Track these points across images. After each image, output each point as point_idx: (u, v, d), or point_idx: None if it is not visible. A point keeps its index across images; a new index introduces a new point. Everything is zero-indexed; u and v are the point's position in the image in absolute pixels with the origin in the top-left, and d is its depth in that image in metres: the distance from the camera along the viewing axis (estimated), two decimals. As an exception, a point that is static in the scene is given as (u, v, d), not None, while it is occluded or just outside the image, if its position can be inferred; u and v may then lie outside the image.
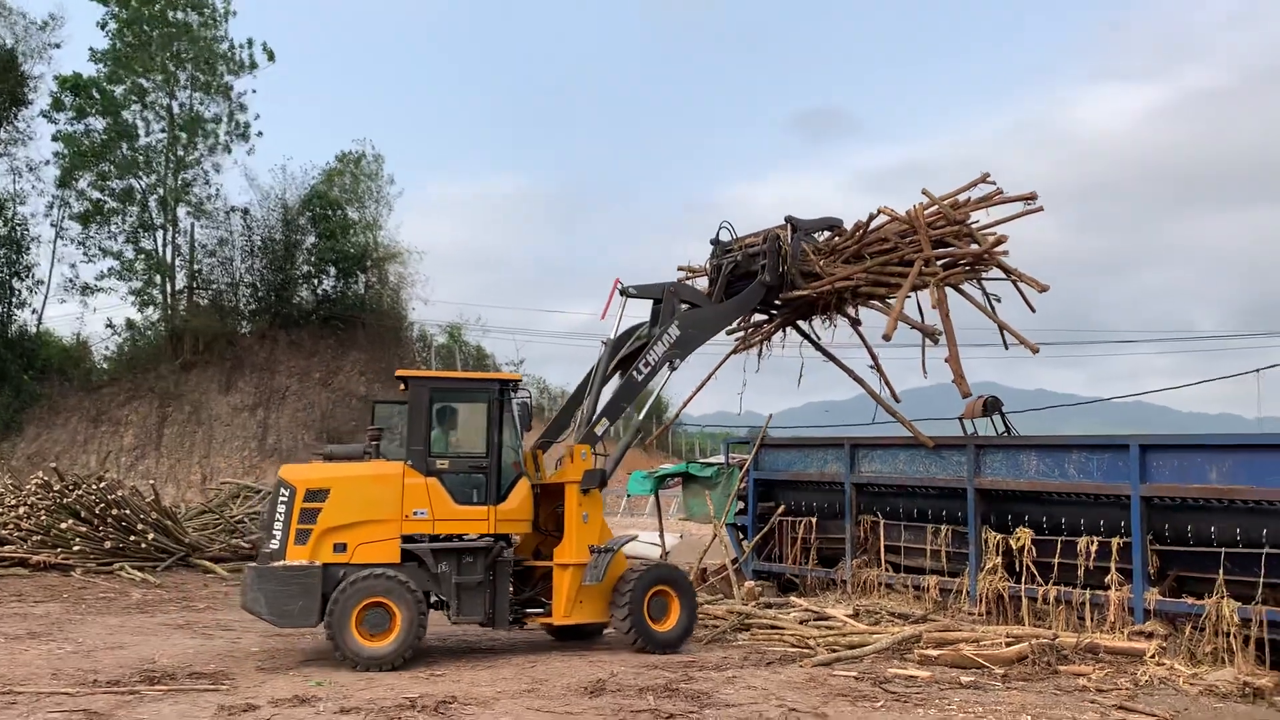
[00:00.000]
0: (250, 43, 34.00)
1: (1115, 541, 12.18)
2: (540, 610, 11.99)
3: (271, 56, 34.14)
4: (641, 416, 13.50)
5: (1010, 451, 13.65)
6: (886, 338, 13.44)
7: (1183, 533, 11.94)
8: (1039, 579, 12.91)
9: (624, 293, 13.00)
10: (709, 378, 16.46)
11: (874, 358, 15.36)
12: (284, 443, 30.85)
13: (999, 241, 13.64)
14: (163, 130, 32.89)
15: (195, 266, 33.46)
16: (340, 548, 10.89)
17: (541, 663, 11.05)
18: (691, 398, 16.95)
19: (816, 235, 14.86)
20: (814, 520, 16.16)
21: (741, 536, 17.34)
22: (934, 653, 11.08)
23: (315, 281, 33.97)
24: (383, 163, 35.73)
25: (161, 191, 32.60)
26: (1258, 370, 23.01)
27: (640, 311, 13.56)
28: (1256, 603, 10.93)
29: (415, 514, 11.18)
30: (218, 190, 33.81)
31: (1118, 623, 11.83)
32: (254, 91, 36.17)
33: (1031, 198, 13.67)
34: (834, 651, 11.49)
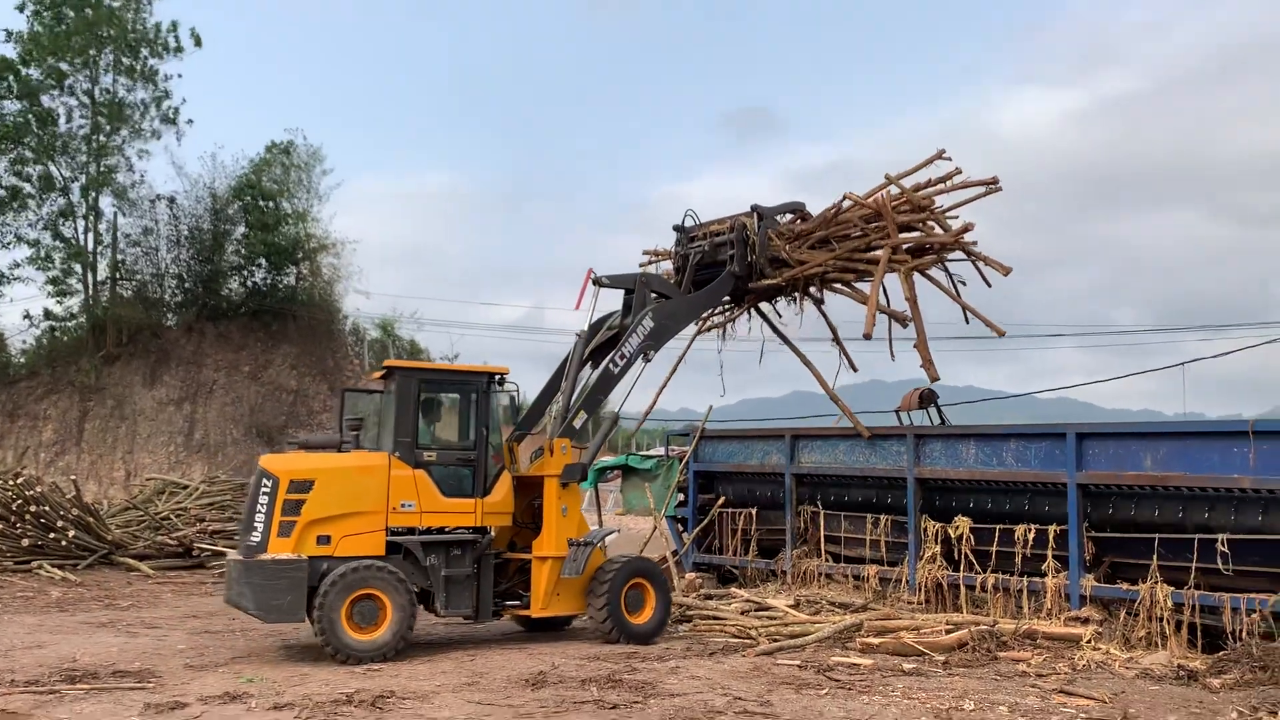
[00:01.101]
0: (175, 26, 33.03)
1: (1052, 529, 12.32)
2: (517, 602, 11.95)
3: (199, 41, 33.19)
4: (620, 410, 13.47)
5: (949, 441, 13.75)
6: (867, 336, 13.52)
7: (1118, 520, 12.12)
8: (977, 567, 13.03)
9: (597, 283, 12.98)
10: (672, 373, 16.50)
11: (835, 334, 15.48)
12: (212, 438, 30.03)
13: (966, 229, 13.74)
14: (84, 116, 31.83)
15: (119, 256, 32.43)
16: (324, 540, 10.63)
17: (481, 656, 10.84)
18: (659, 393, 17.05)
19: (780, 218, 14.88)
20: (754, 512, 16.15)
21: (681, 529, 17.27)
22: (875, 641, 11.10)
23: (245, 273, 33.15)
24: (317, 154, 34.99)
25: (83, 179, 31.54)
26: (1182, 364, 23.60)
27: (613, 302, 13.64)
28: (1189, 587, 11.13)
29: (403, 506, 11.04)
30: (142, 177, 32.77)
31: (1055, 609, 11.97)
32: (180, 77, 35.21)
33: (993, 182, 13.77)
34: (776, 641, 11.45)
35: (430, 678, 9.60)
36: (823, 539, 15.11)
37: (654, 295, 13.32)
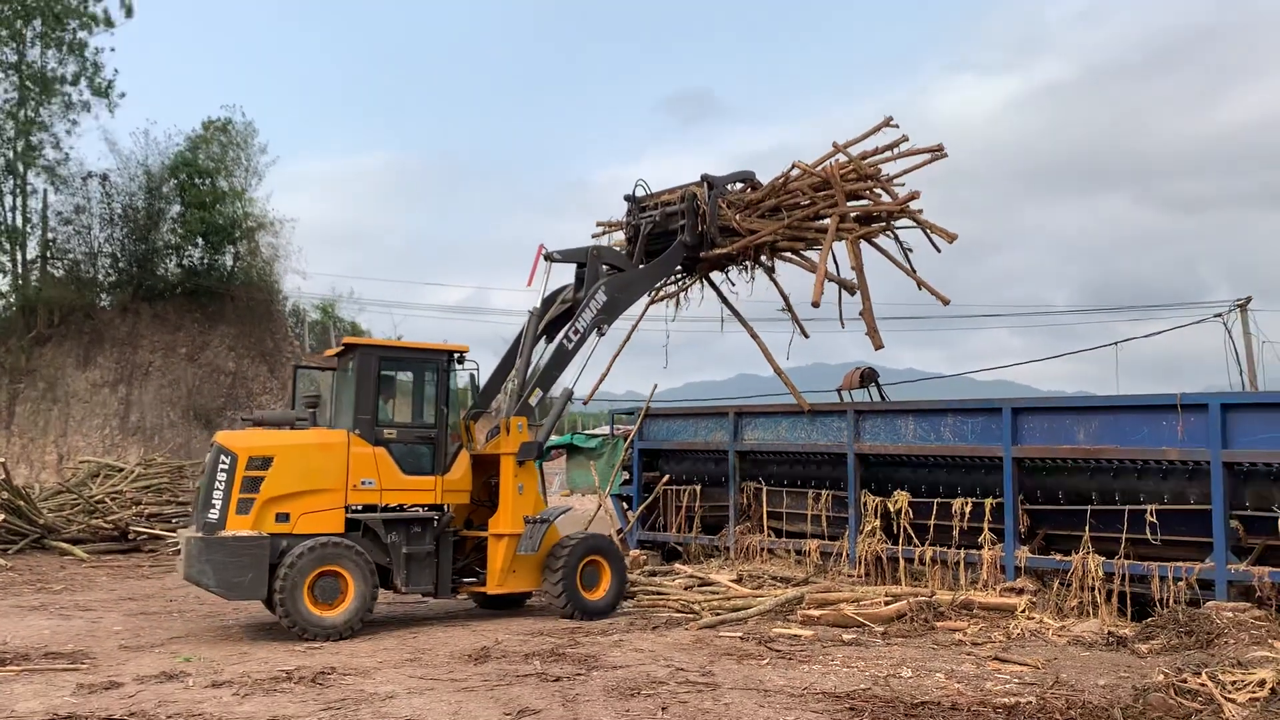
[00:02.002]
0: (102, -5, 32.10)
1: (988, 502, 12.57)
2: (473, 580, 12.00)
3: (129, 12, 32.39)
4: (573, 387, 13.48)
5: (888, 417, 13.94)
6: (815, 304, 13.62)
7: (1052, 492, 12.40)
8: (916, 540, 13.25)
9: (548, 258, 12.94)
10: (619, 350, 16.50)
11: (786, 301, 15.58)
12: (148, 420, 29.44)
13: (913, 196, 13.81)
14: (10, 89, 30.87)
15: (49, 235, 31.57)
16: (283, 517, 10.57)
17: (424, 633, 10.80)
18: (607, 371, 17.01)
19: (730, 187, 14.90)
20: (698, 489, 16.25)
21: (626, 507, 17.32)
22: (816, 613, 11.25)
23: (181, 253, 32.45)
24: (254, 130, 34.31)
25: (10, 154, 30.63)
26: (1115, 344, 24.13)
27: (565, 276, 13.58)
28: (1119, 557, 11.44)
29: (363, 483, 11.01)
30: (69, 154, 31.88)
31: (990, 580, 12.23)
32: (112, 50, 34.32)
33: (938, 149, 13.88)
34: (719, 615, 11.55)
35: (372, 654, 9.54)
36: (765, 515, 15.27)
37: (606, 268, 13.29)
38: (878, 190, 14.09)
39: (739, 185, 15.03)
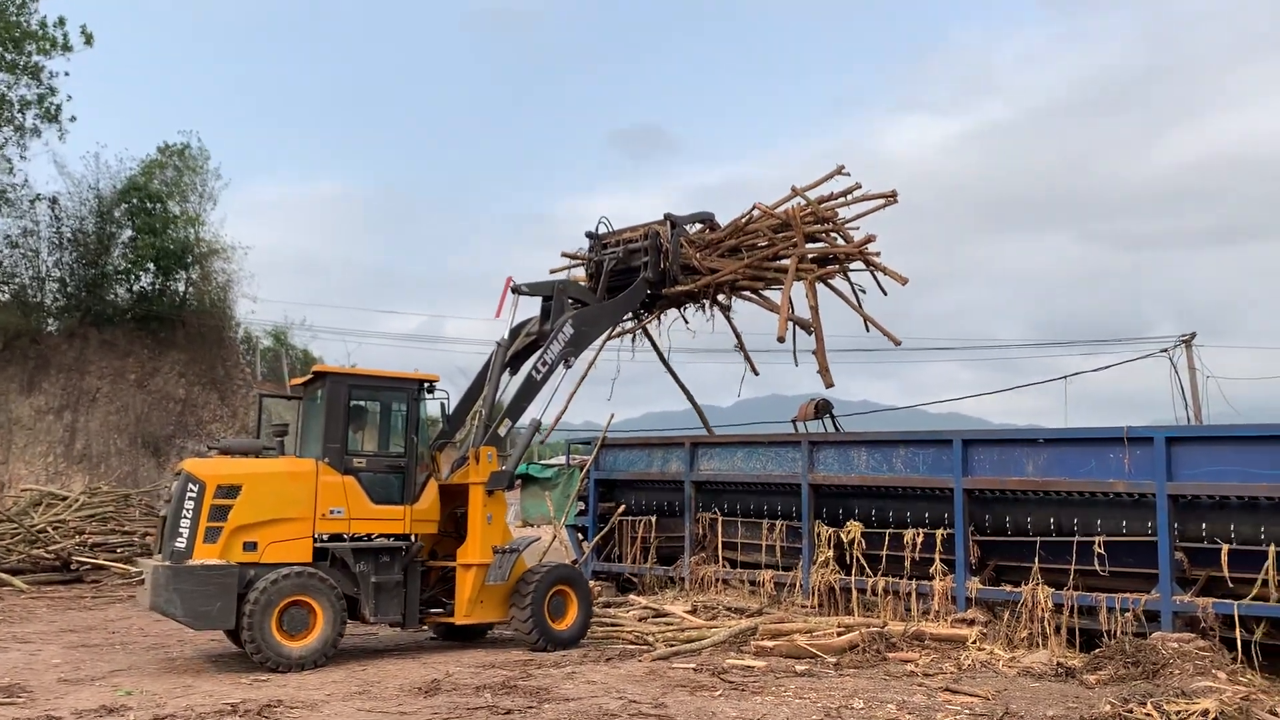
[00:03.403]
0: (63, 21, 31.76)
1: (939, 533, 12.67)
2: (439, 610, 11.93)
3: (89, 40, 32.02)
4: (540, 418, 13.63)
5: (842, 448, 14.03)
6: (780, 339, 14.06)
7: (1001, 524, 12.53)
8: (868, 571, 13.32)
9: (516, 291, 13.10)
10: (580, 381, 16.73)
11: (739, 340, 15.97)
12: (94, 448, 28.85)
13: (869, 240, 14.34)
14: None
15: (-5, 259, 30.98)
16: (250, 546, 10.44)
17: (374, 665, 10.65)
18: (568, 403, 17.24)
19: (690, 227, 15.22)
20: (654, 519, 16.22)
21: (581, 537, 17.24)
22: (769, 644, 11.25)
23: (132, 278, 31.97)
24: (208, 156, 34.00)
25: (-42, 177, 30.11)
26: (1065, 378, 24.53)
27: (531, 308, 13.80)
28: (1068, 588, 11.57)
29: (332, 513, 10.92)
30: (23, 178, 31.39)
31: (942, 611, 12.30)
32: (67, 74, 33.87)
33: (891, 195, 14.36)
34: (672, 646, 11.52)
35: (320, 687, 9.38)
36: (720, 545, 15.27)
37: (571, 302, 13.47)
38: (834, 234, 14.54)
39: (698, 226, 15.38)
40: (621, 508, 16.71)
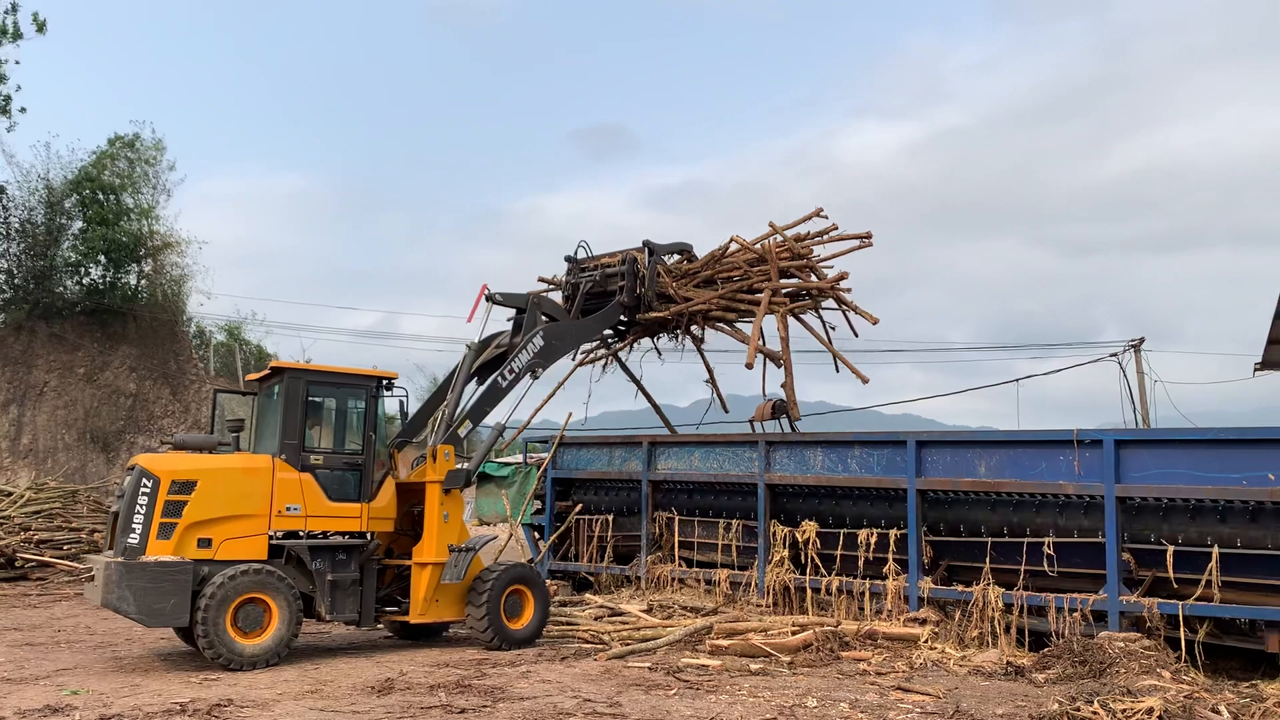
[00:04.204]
0: (15, 8, 31.12)
1: (893, 533, 12.79)
2: (394, 609, 11.89)
3: (42, 28, 31.42)
4: (506, 422, 13.84)
5: (797, 448, 14.12)
6: (749, 366, 14.46)
7: (954, 524, 12.68)
8: (823, 570, 13.41)
9: (490, 299, 13.18)
10: (554, 391, 16.90)
11: (710, 373, 16.51)
12: (41, 442, 28.31)
13: (842, 276, 14.88)
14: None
15: (-60, 249, 30.28)
16: (205, 543, 10.37)
17: (326, 664, 10.56)
18: (542, 406, 17.46)
19: (667, 257, 15.61)
20: (610, 518, 16.22)
21: (538, 536, 17.20)
22: (724, 643, 11.29)
23: (82, 270, 31.39)
24: (163, 147, 33.45)
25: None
26: (1017, 380, 24.86)
27: (502, 317, 13.90)
28: (1018, 588, 11.73)
29: (288, 509, 10.86)
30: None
31: (895, 610, 12.43)
32: (17, 63, 33.20)
33: (866, 237, 14.82)
34: (628, 645, 11.53)
35: (271, 686, 9.28)
36: (677, 544, 15.30)
37: (544, 316, 13.63)
38: (809, 270, 15.09)
39: (676, 256, 15.79)
40: (578, 506, 16.69)
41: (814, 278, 15.08)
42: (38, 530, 20.12)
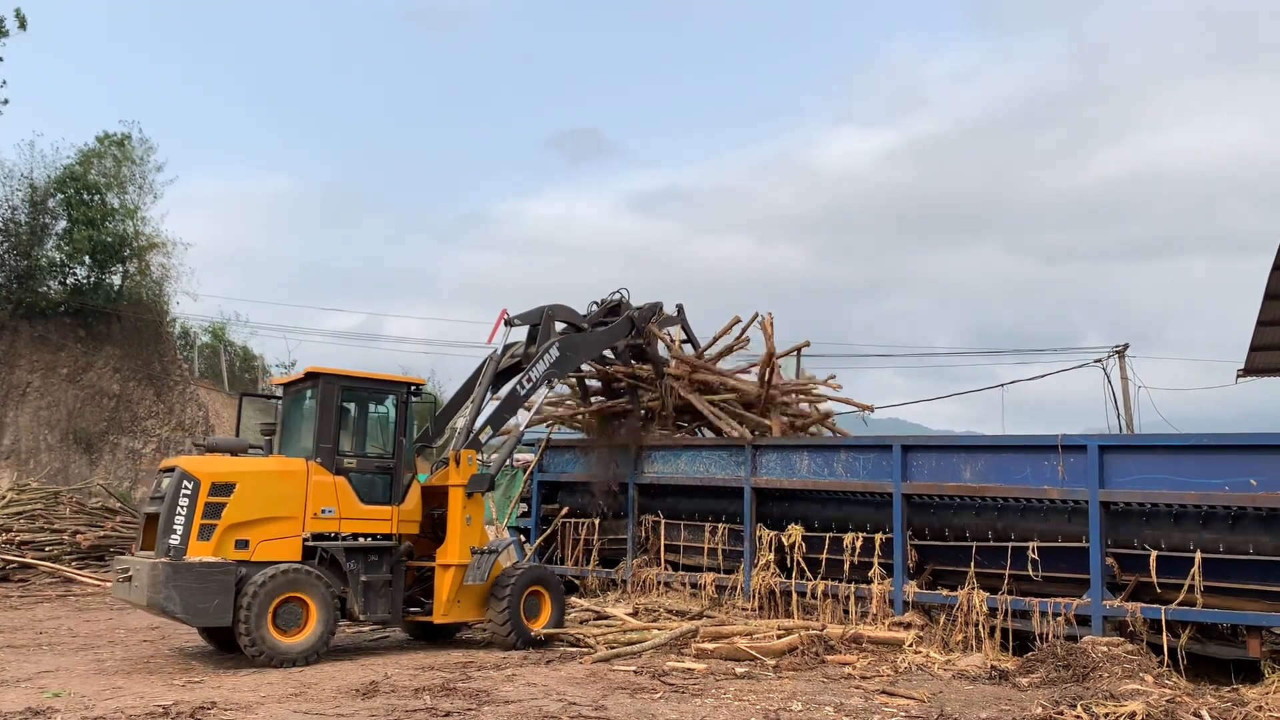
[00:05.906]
0: (-4, 6, 31.02)
1: (878, 537, 12.82)
2: (417, 609, 12.19)
3: (24, 24, 31.25)
4: (524, 427, 14.30)
5: (784, 452, 14.14)
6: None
7: (939, 529, 12.72)
8: (808, 574, 13.43)
9: (509, 323, 13.58)
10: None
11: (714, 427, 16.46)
12: (24, 443, 28.13)
13: (830, 415, 16.03)
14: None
15: (-78, 248, 30.07)
16: (242, 544, 10.58)
17: (310, 666, 10.51)
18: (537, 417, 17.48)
19: (672, 331, 16.33)
20: (597, 521, 16.21)
21: (524, 539, 17.16)
22: (710, 646, 11.30)
23: (67, 270, 31.21)
24: (150, 147, 33.30)
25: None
26: (1002, 385, 24.97)
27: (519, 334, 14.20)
28: (1003, 593, 11.77)
29: (323, 512, 11.10)
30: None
31: (880, 614, 12.45)
32: (0, 59, 33.06)
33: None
34: (613, 648, 11.53)
35: (255, 688, 9.24)
36: (663, 548, 15.30)
37: (560, 325, 14.03)
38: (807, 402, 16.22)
39: (682, 337, 16.52)
40: (565, 510, 16.67)
41: (810, 409, 16.13)
42: (19, 532, 20.02)
